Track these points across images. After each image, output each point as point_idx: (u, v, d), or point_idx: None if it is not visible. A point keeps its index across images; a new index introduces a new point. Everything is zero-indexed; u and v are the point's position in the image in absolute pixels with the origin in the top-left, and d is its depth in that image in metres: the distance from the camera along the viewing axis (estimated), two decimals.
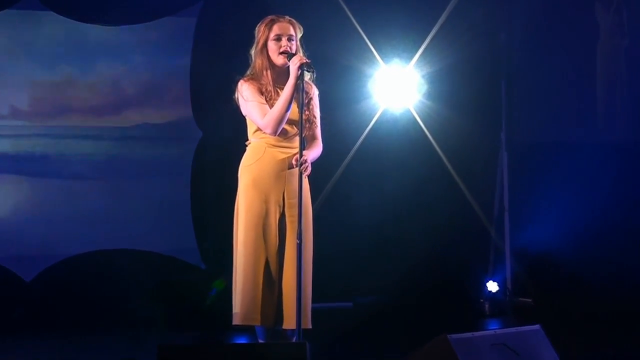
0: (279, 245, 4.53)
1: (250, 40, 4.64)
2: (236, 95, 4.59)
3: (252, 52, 4.62)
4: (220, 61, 6.22)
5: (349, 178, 6.92)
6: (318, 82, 4.67)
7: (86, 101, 6.79)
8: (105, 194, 6.77)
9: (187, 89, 6.86)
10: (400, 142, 7.08)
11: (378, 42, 6.90)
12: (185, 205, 6.86)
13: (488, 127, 7.19)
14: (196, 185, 6.87)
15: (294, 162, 4.49)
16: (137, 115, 6.84)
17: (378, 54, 6.90)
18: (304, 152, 4.44)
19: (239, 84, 4.56)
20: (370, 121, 6.98)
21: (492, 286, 7.13)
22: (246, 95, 4.52)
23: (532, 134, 7.25)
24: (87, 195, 6.74)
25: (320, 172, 4.84)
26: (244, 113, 4.61)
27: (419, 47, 6.90)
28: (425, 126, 7.01)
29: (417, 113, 7.03)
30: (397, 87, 7.03)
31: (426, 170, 7.06)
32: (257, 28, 4.61)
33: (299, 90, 4.39)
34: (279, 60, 4.54)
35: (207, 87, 6.70)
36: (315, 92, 4.67)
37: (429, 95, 7.04)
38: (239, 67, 4.67)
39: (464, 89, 6.99)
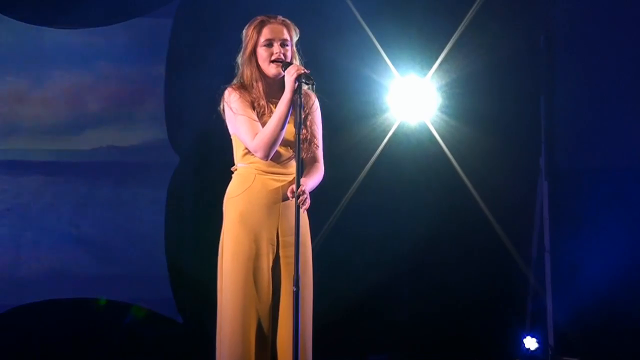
0: (272, 293, 4.53)
1: (238, 44, 4.66)
2: (222, 106, 4.62)
3: (240, 59, 4.64)
4: (202, 70, 6.28)
5: (356, 209, 6.96)
6: (323, 95, 4.71)
7: (38, 119, 6.81)
8: (63, 231, 6.78)
9: (161, 104, 6.89)
10: (418, 166, 7.17)
11: (391, 47, 7.01)
12: (159, 246, 6.87)
13: (524, 150, 7.22)
14: (172, 222, 6.87)
15: (289, 193, 4.45)
16: (101, 137, 6.86)
17: (392, 62, 7.01)
18: (302, 181, 4.43)
19: (227, 92, 4.58)
20: (382, 140, 7.08)
21: (531, 343, 7.14)
22: (235, 107, 4.54)
23: (577, 159, 7.24)
24: (40, 232, 6.76)
25: (321, 201, 4.85)
26: (230, 130, 4.63)
27: (439, 52, 7.01)
28: (448, 148, 7.09)
29: (438, 131, 7.14)
30: (413, 100, 7.15)
31: (449, 202, 7.11)
32: (244, 31, 4.63)
33: (296, 105, 4.39)
34: (270, 69, 4.56)
35: (186, 101, 6.73)
36: (315, 105, 4.68)
37: (451, 110, 7.14)
38: (223, 77, 4.70)
39: (494, 104, 7.05)
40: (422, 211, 7.11)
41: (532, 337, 7.15)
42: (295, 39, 4.61)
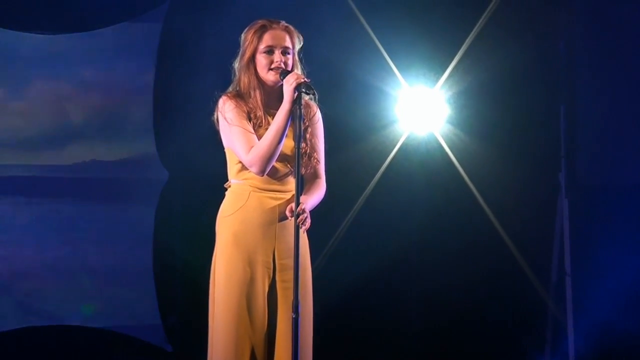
0: (268, 320, 4.51)
1: (233, 50, 4.64)
2: (215, 116, 4.61)
3: (237, 65, 4.64)
4: (194, 78, 6.29)
5: (360, 229, 6.99)
6: (327, 105, 4.70)
7: (17, 131, 6.82)
8: (43, 255, 6.76)
9: (149, 115, 6.89)
10: (427, 182, 7.18)
11: (398, 56, 7.05)
12: (147, 271, 6.86)
13: (542, 165, 7.25)
14: (161, 242, 6.87)
15: (287, 212, 4.44)
16: (84, 150, 6.85)
17: (400, 71, 7.07)
18: (302, 198, 4.41)
19: (221, 100, 4.58)
20: (389, 153, 7.13)
21: None
22: (230, 117, 4.53)
23: (600, 175, 7.24)
24: (18, 258, 6.78)
25: (322, 220, 4.84)
26: (224, 142, 4.61)
27: (449, 61, 7.06)
28: (459, 162, 7.13)
29: (448, 144, 7.18)
30: (422, 110, 7.20)
31: (460, 221, 7.14)
32: (243, 35, 4.61)
33: (296, 117, 4.38)
34: (269, 76, 4.55)
35: (177, 111, 6.74)
36: (317, 117, 4.67)
37: (462, 121, 7.18)
38: (217, 85, 4.69)
39: (509, 115, 7.09)
40: (431, 231, 7.14)
41: None
42: (298, 46, 4.60)
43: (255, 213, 4.52)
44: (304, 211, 4.36)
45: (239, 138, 4.50)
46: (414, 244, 7.15)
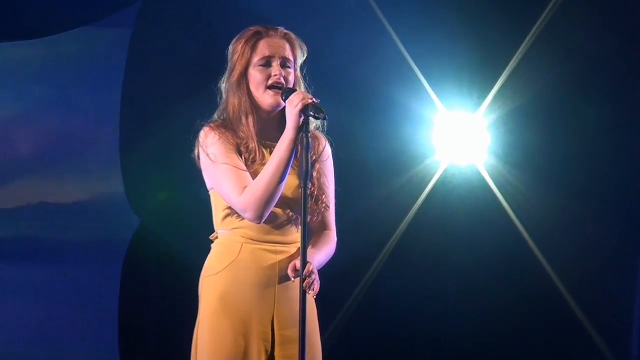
0: None
1: (220, 65, 4.63)
2: (196, 152, 4.60)
3: (224, 85, 4.64)
4: (171, 98, 6.20)
5: (382, 293, 7.17)
6: (344, 134, 4.72)
7: None
8: None
9: (115, 145, 6.91)
10: (471, 228, 7.30)
11: (433, 75, 7.20)
12: (110, 338, 6.81)
13: (619, 214, 7.32)
14: (128, 307, 6.88)
15: (290, 272, 4.43)
16: (33, 190, 6.87)
17: (435, 92, 7.21)
18: (309, 253, 4.40)
19: (202, 132, 4.57)
20: (420, 193, 7.23)
21: None
22: (214, 153, 4.51)
23: None
24: None
25: (335, 279, 4.92)
26: (208, 184, 4.61)
27: (494, 80, 7.30)
28: (507, 201, 7.25)
29: (494, 180, 7.32)
30: (462, 139, 7.39)
31: (516, 282, 7.30)
32: (231, 46, 4.64)
33: (303, 148, 4.35)
34: (266, 98, 4.53)
35: (150, 142, 6.76)
36: (326, 152, 4.69)
37: (510, 152, 7.34)
38: (201, 107, 4.66)
39: (569, 146, 7.27)
40: (477, 291, 7.28)
41: None
42: (300, 59, 4.61)
43: (250, 271, 4.50)
44: (311, 273, 4.34)
45: (228, 177, 4.49)
46: (452, 309, 7.31)
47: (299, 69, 4.58)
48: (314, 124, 4.50)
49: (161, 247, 6.69)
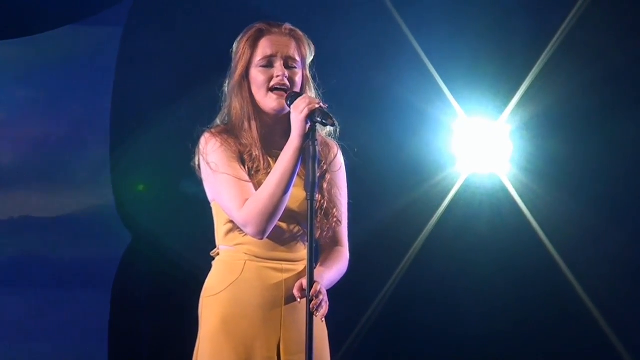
0: None
1: (223, 65, 4.63)
2: (196, 161, 4.60)
3: (226, 87, 4.63)
4: (167, 102, 6.16)
5: (398, 311, 7.13)
6: (359, 140, 4.65)
7: None
8: None
9: (105, 155, 6.90)
10: (494, 239, 7.37)
11: (453, 79, 7.21)
12: None
13: None
14: (120, 329, 6.87)
15: (296, 292, 4.40)
16: (18, 202, 6.90)
17: (455, 97, 7.26)
18: (318, 271, 4.39)
19: (203, 139, 4.57)
20: (440, 204, 7.31)
21: None
22: (215, 161, 4.49)
23: None
24: None
25: (347, 298, 4.89)
26: (209, 194, 4.60)
27: (519, 85, 7.33)
28: (531, 213, 7.32)
29: (517, 190, 7.40)
30: (483, 147, 7.49)
31: (539, 292, 7.39)
32: (235, 45, 4.61)
33: (308, 157, 4.32)
34: (269, 101, 4.52)
35: (143, 152, 6.77)
36: (338, 161, 4.67)
37: (533, 160, 7.39)
38: (200, 113, 4.67)
39: (596, 155, 7.37)
40: (508, 309, 7.38)
41: None
42: (309, 58, 4.59)
43: (253, 290, 4.48)
44: (319, 293, 4.30)
45: (229, 188, 4.46)
46: (471, 326, 7.32)
47: (307, 69, 4.57)
48: (325, 130, 4.50)
49: (156, 264, 6.71)
